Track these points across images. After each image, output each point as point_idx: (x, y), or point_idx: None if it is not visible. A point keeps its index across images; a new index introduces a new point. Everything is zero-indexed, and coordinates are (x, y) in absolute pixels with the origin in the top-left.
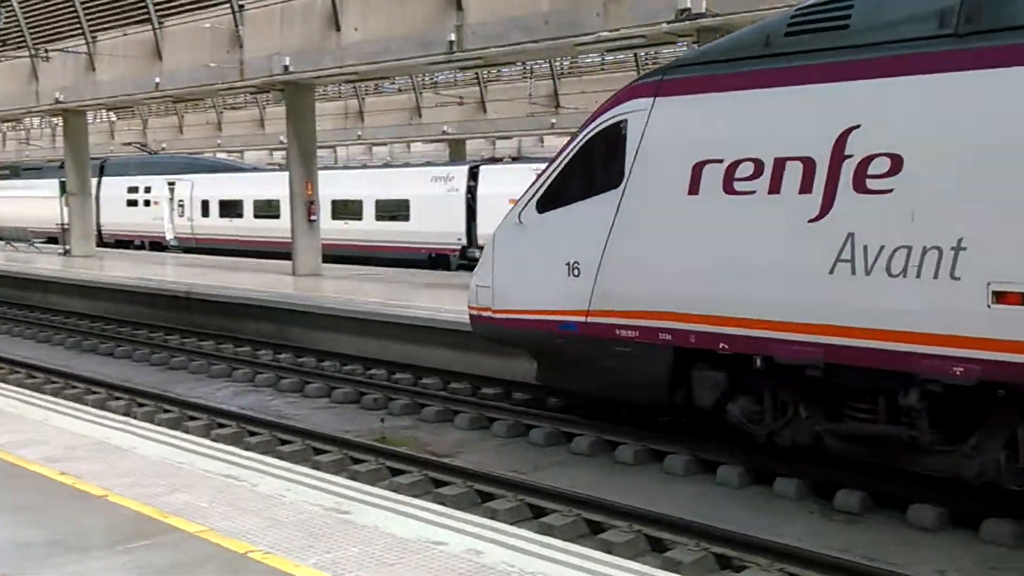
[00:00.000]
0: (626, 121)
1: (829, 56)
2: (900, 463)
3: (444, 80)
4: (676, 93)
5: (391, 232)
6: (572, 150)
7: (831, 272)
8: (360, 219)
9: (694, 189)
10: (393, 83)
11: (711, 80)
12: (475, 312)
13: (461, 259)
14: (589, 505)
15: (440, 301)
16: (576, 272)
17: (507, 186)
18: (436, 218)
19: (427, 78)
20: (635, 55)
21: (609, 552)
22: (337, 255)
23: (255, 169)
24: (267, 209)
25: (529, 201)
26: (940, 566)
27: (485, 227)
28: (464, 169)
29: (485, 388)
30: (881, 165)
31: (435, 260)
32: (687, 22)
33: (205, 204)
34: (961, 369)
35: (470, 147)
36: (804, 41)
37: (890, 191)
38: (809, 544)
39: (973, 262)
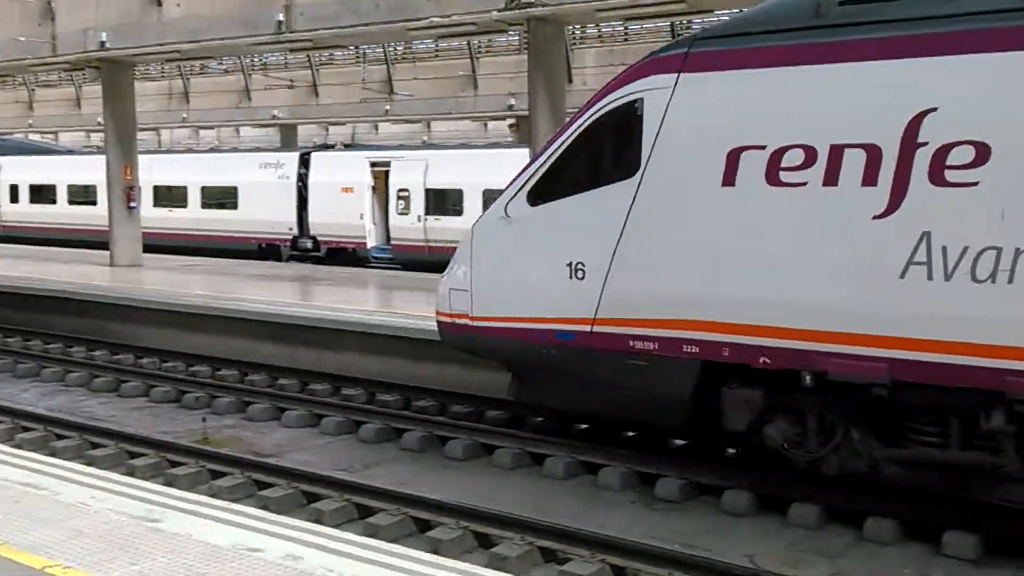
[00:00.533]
0: (642, 100)
1: (897, 28)
2: (976, 493)
3: (274, 62)
4: (706, 69)
5: (218, 221)
6: (573, 133)
7: (902, 276)
8: (185, 206)
9: (729, 179)
10: (220, 63)
11: (750, 53)
12: (447, 319)
13: (293, 250)
14: (416, 503)
15: (274, 293)
16: (580, 274)
17: (340, 174)
18: (266, 206)
19: (256, 59)
20: (468, 42)
21: (435, 551)
22: (160, 245)
23: (70, 152)
24: (83, 195)
25: (518, 192)
26: (750, 550)
27: (317, 216)
28: (295, 156)
29: (314, 384)
30: (964, 154)
31: (265, 251)
32: (517, 11)
33: (14, 189)
34: None
35: (302, 133)
36: (865, 11)
37: (975, 184)
38: (631, 533)
39: None
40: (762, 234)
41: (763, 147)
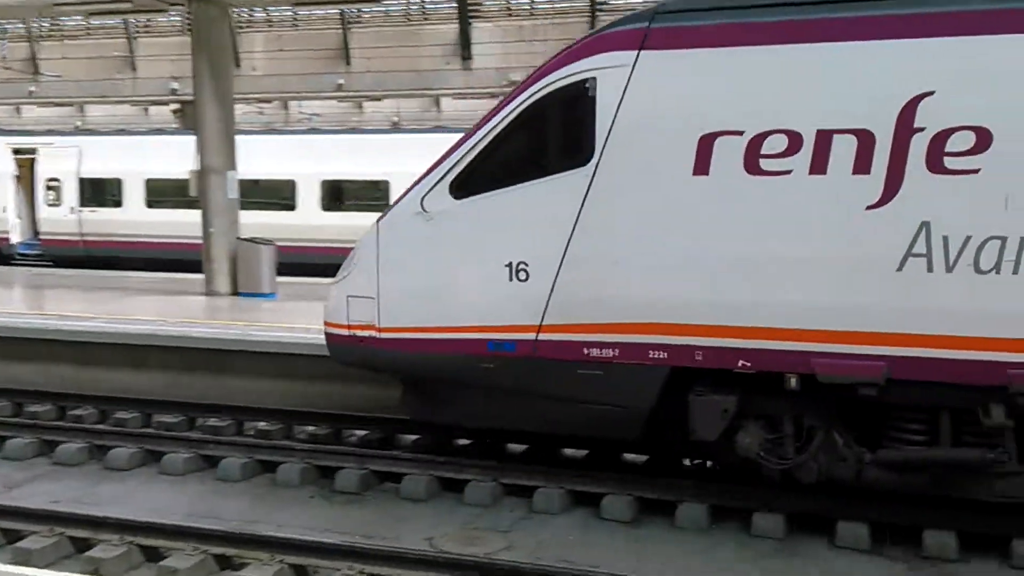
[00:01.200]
0: (595, 80)
1: (892, 6)
2: (971, 492)
3: None
4: (672, 46)
5: None
6: (508, 116)
7: (899, 269)
8: None
9: (702, 168)
10: None
11: (724, 30)
12: (343, 332)
13: None
14: (72, 521)
15: None
16: (522, 275)
17: None
18: None
19: None
20: (124, 21)
21: (96, 571)
22: None
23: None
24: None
25: (436, 184)
26: (429, 533)
27: None
28: None
29: None
30: (964, 140)
31: None
32: None
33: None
34: None
35: None
36: None
37: (976, 171)
38: (313, 529)
39: None
40: (741, 227)
41: (740, 132)
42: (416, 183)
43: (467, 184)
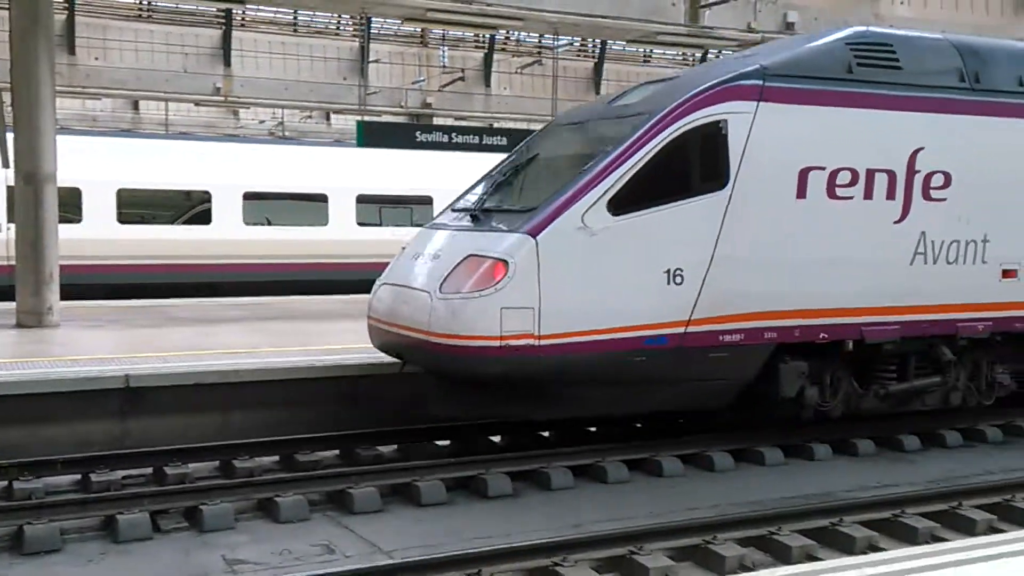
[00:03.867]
0: (727, 121)
1: (903, 89)
2: (930, 405)
3: None
4: (782, 100)
5: None
6: (656, 147)
7: (911, 264)
8: None
9: (801, 193)
10: None
11: (814, 94)
12: (493, 343)
13: None
14: None
15: None
16: (679, 279)
17: None
18: None
19: None
20: None
21: None
22: None
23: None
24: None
25: (594, 203)
26: None
27: None
28: None
29: None
30: (939, 179)
31: None
32: None
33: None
34: (982, 326)
35: None
36: (878, 73)
37: (945, 199)
38: None
39: (991, 251)
40: (824, 237)
41: (823, 168)
42: (562, 202)
43: (624, 203)
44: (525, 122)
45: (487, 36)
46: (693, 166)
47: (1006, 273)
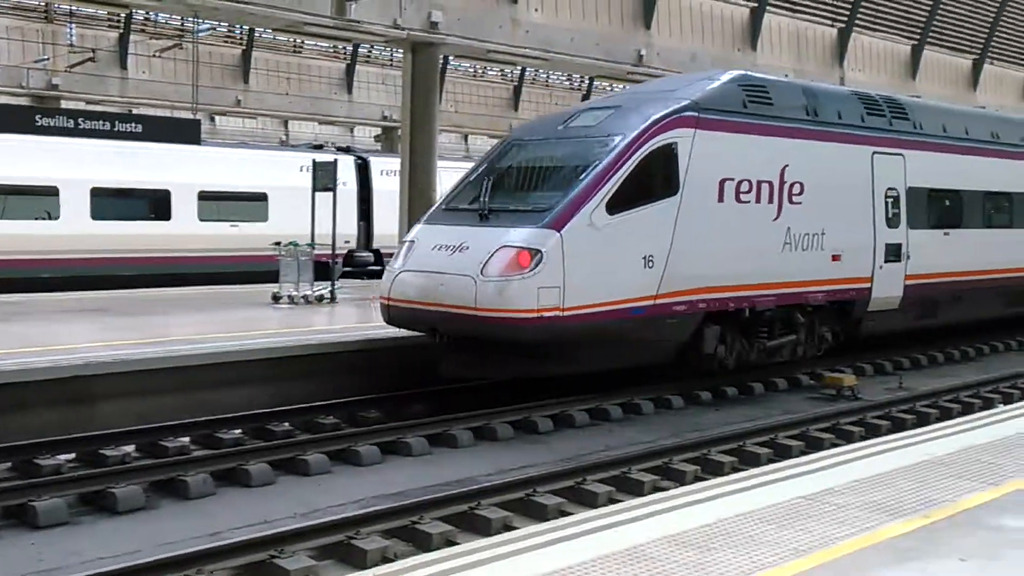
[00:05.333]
0: (677, 143)
1: (781, 120)
2: (786, 357)
3: None
4: (709, 128)
5: None
6: (634, 162)
7: (781, 251)
8: None
9: (720, 199)
10: None
11: (728, 124)
12: (531, 315)
13: None
14: None
15: None
16: (650, 264)
17: None
18: None
19: None
20: None
21: None
22: None
23: None
24: None
25: (598, 205)
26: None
27: None
28: None
29: None
30: (798, 188)
31: None
32: None
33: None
34: (821, 296)
35: None
36: (760, 108)
37: (801, 203)
38: None
39: (826, 241)
40: (735, 232)
41: (732, 179)
42: (570, 205)
43: (616, 205)
44: (169, 109)
45: (122, 15)
46: (657, 178)
47: (835, 257)
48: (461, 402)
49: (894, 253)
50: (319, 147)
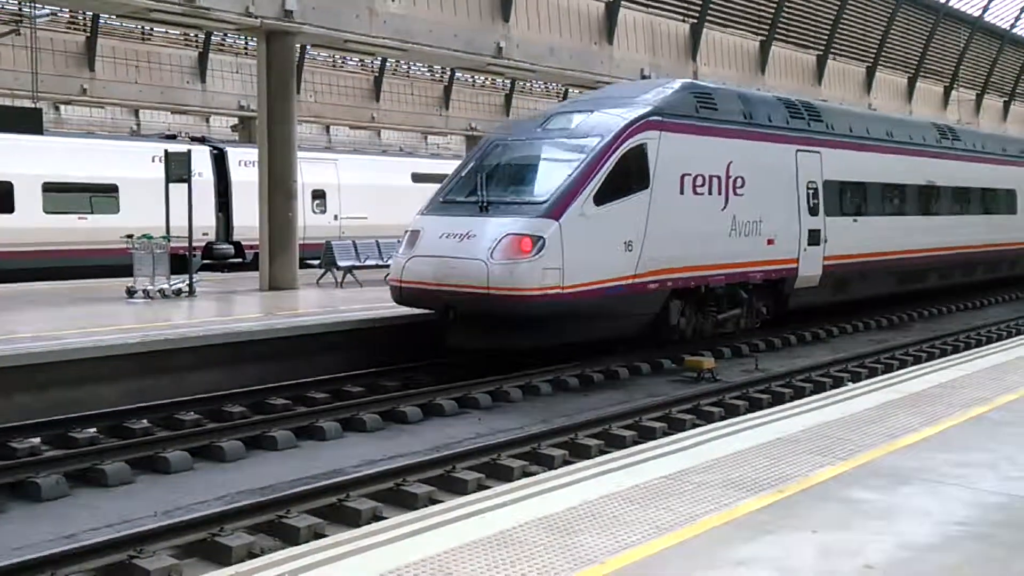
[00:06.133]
0: (647, 144)
1: (733, 124)
2: (729, 329)
3: None
4: (671, 131)
5: None
6: (614, 159)
7: (729, 236)
8: None
9: (681, 191)
10: None
11: (688, 127)
12: (537, 293)
13: None
14: None
15: None
16: (630, 248)
17: None
18: None
19: None
20: None
21: None
22: None
23: None
24: None
25: (587, 197)
26: None
27: None
28: None
29: None
30: (740, 182)
31: None
32: None
33: None
34: (759, 275)
35: None
36: (711, 113)
37: (744, 195)
38: None
39: (763, 227)
40: (693, 219)
41: (690, 174)
42: (566, 196)
43: (601, 197)
44: (9, 98)
45: None
46: (633, 174)
47: (770, 241)
48: (326, 394)
49: (815, 238)
50: (172, 137)
